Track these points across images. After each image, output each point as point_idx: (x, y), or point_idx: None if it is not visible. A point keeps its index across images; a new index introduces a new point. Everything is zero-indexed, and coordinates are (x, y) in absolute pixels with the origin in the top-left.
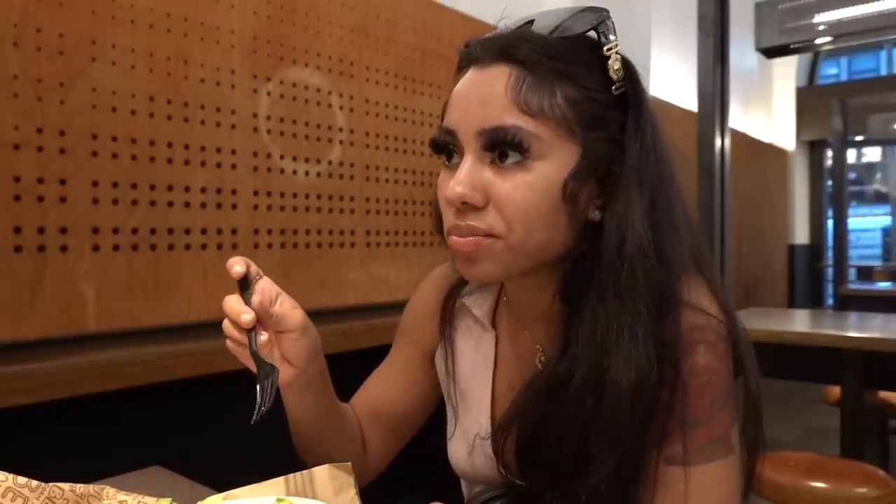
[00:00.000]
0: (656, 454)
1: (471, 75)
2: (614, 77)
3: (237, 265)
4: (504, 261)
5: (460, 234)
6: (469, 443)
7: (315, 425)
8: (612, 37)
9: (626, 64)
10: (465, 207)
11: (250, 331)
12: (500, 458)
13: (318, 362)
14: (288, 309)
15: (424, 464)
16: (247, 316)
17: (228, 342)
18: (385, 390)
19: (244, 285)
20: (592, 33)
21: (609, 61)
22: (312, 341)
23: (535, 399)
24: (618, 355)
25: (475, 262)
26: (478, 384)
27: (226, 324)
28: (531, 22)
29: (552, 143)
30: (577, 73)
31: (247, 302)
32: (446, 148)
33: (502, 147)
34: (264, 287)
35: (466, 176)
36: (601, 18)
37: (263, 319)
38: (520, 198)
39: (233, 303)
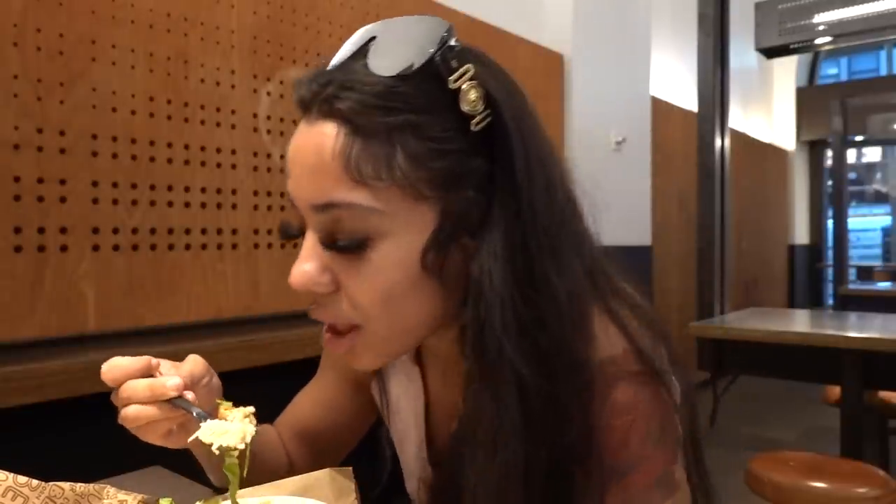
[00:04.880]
0: None
1: (300, 131)
2: (470, 110)
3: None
4: (383, 350)
5: (326, 327)
6: (415, 485)
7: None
8: (457, 62)
9: (486, 89)
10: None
11: (178, 398)
12: None
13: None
14: (190, 364)
15: None
16: (176, 380)
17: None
18: (312, 412)
19: None
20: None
21: (461, 93)
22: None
23: (453, 457)
24: (480, 435)
25: (355, 356)
26: (411, 420)
27: (132, 391)
28: (372, 40)
29: (397, 213)
30: (420, 122)
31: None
32: (296, 233)
33: (337, 226)
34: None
35: (309, 259)
36: (442, 42)
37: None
38: (369, 285)
39: (157, 378)
